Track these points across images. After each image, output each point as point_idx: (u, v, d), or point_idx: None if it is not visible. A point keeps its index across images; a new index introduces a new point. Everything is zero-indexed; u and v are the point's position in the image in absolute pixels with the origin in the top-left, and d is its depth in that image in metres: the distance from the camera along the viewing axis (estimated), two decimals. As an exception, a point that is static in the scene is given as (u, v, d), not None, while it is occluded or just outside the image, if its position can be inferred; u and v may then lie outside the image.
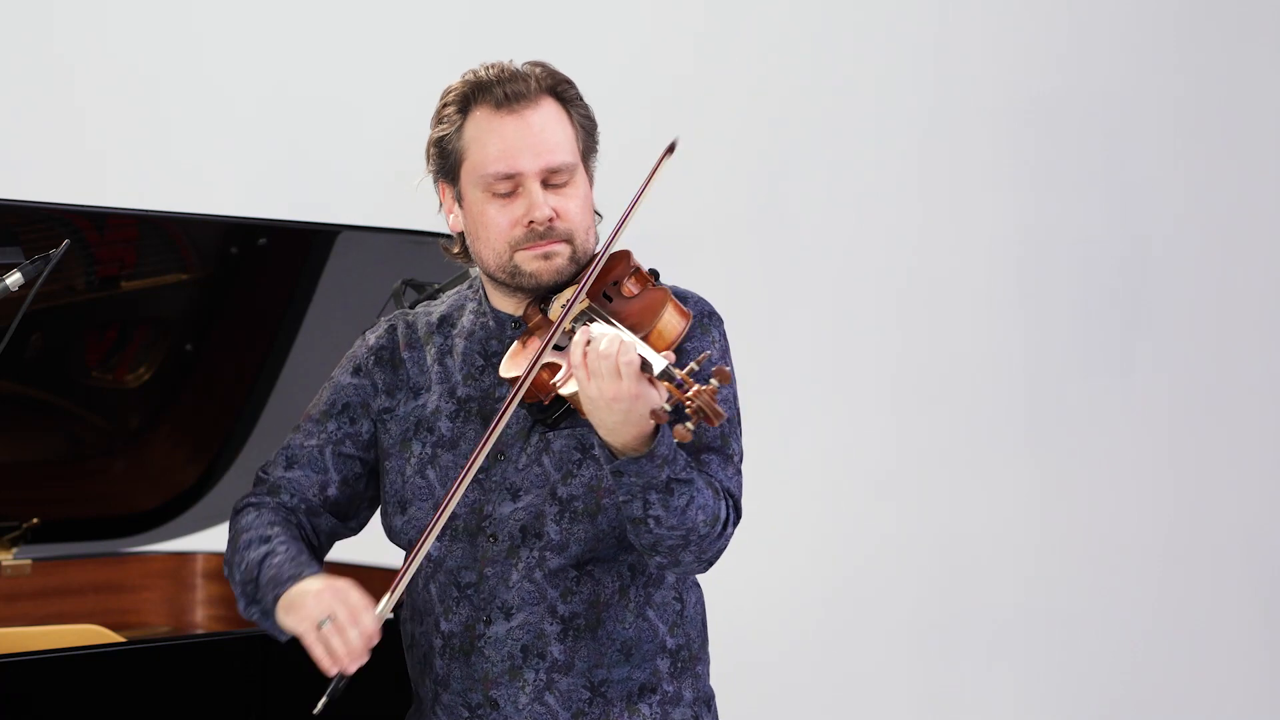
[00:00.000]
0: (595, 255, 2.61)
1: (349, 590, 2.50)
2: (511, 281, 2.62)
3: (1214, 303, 5.79)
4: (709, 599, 2.83)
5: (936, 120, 5.70)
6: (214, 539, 4.27)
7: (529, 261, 2.59)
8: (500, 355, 2.64)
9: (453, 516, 2.62)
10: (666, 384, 2.34)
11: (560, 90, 2.62)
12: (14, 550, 3.86)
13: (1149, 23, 5.76)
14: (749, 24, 5.63)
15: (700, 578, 2.70)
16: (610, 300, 2.55)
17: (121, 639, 3.39)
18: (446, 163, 2.65)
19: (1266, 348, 5.80)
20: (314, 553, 2.68)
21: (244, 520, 2.68)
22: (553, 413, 2.53)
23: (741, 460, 2.58)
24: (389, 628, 2.57)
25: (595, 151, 2.67)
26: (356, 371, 2.74)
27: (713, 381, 2.32)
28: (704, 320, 2.62)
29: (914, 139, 5.69)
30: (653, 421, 2.36)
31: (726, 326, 2.66)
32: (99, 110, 5.25)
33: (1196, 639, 5.76)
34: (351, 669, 2.46)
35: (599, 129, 2.68)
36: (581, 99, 2.65)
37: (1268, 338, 5.80)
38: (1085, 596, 5.71)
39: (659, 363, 2.36)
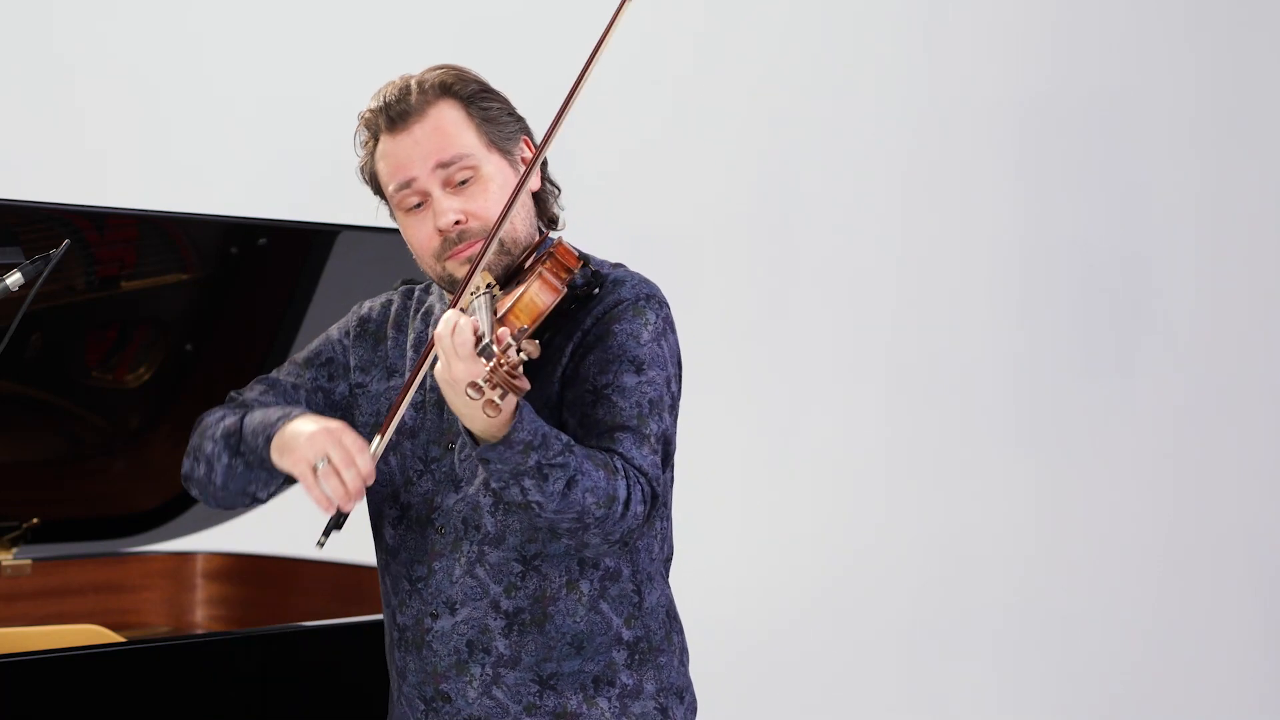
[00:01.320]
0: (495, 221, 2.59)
1: (344, 431, 2.49)
2: (448, 287, 2.64)
3: (1214, 303, 5.79)
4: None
5: (936, 120, 5.70)
6: (214, 539, 4.27)
7: (456, 267, 2.61)
8: None
9: (405, 507, 2.64)
10: (484, 359, 2.32)
11: (455, 90, 2.63)
12: (14, 550, 3.86)
13: (1149, 22, 5.76)
14: (749, 23, 5.63)
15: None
16: (510, 280, 2.56)
17: (121, 639, 3.39)
18: (374, 187, 2.70)
19: (1267, 348, 5.80)
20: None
21: (210, 416, 2.70)
22: None
23: (662, 441, 2.55)
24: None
25: (516, 137, 2.67)
26: (346, 334, 2.76)
27: (520, 355, 2.30)
28: (638, 303, 2.60)
29: (914, 139, 5.69)
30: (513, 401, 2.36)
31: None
32: (99, 110, 5.25)
33: (1196, 639, 5.76)
34: (348, 509, 2.47)
35: (510, 112, 2.68)
36: (483, 92, 2.65)
37: (1268, 338, 5.80)
38: (1084, 596, 5.71)
39: (484, 338, 2.33)
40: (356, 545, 4.63)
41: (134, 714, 3.17)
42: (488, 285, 2.50)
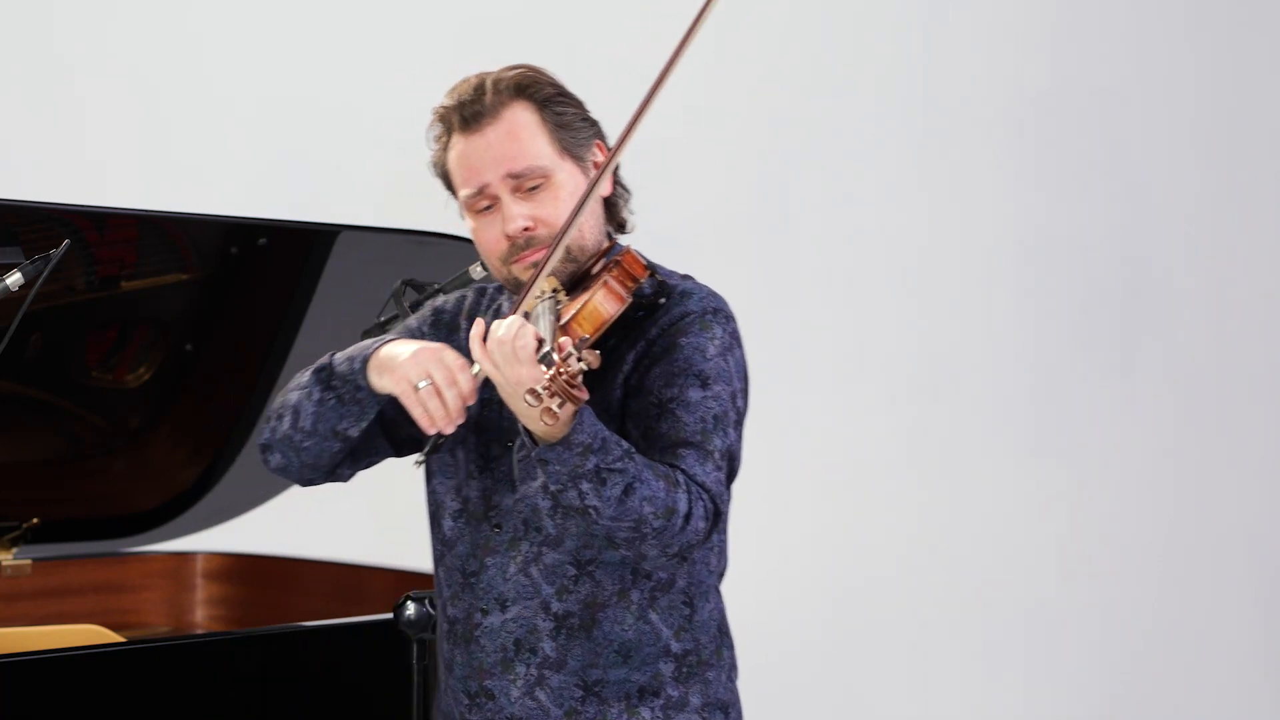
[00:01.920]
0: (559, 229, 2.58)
1: (444, 351, 2.49)
2: (515, 290, 2.63)
3: (1216, 304, 5.79)
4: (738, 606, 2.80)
5: (937, 120, 5.70)
6: (214, 539, 4.27)
7: (522, 272, 2.59)
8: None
9: (465, 501, 2.64)
10: (544, 366, 2.32)
11: (529, 92, 2.62)
12: (14, 550, 3.86)
13: (1150, 22, 5.76)
14: (749, 23, 5.63)
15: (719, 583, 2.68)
16: (576, 286, 2.56)
17: (121, 639, 3.39)
18: (447, 184, 2.67)
19: (1267, 348, 5.80)
20: None
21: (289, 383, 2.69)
22: None
23: (727, 458, 2.54)
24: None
25: (589, 142, 2.67)
26: (423, 324, 2.75)
27: (580, 364, 2.30)
28: (705, 317, 2.60)
29: (915, 139, 5.69)
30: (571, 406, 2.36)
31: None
32: (99, 110, 5.25)
33: (1196, 639, 5.76)
34: (449, 429, 2.46)
35: (585, 116, 2.67)
36: (558, 96, 2.65)
37: (1269, 338, 5.80)
38: (1084, 596, 5.71)
39: (544, 346, 2.34)
40: (357, 545, 4.64)
41: (134, 714, 3.17)
42: (553, 291, 2.50)
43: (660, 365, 2.54)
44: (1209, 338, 5.77)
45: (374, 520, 5.26)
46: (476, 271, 2.79)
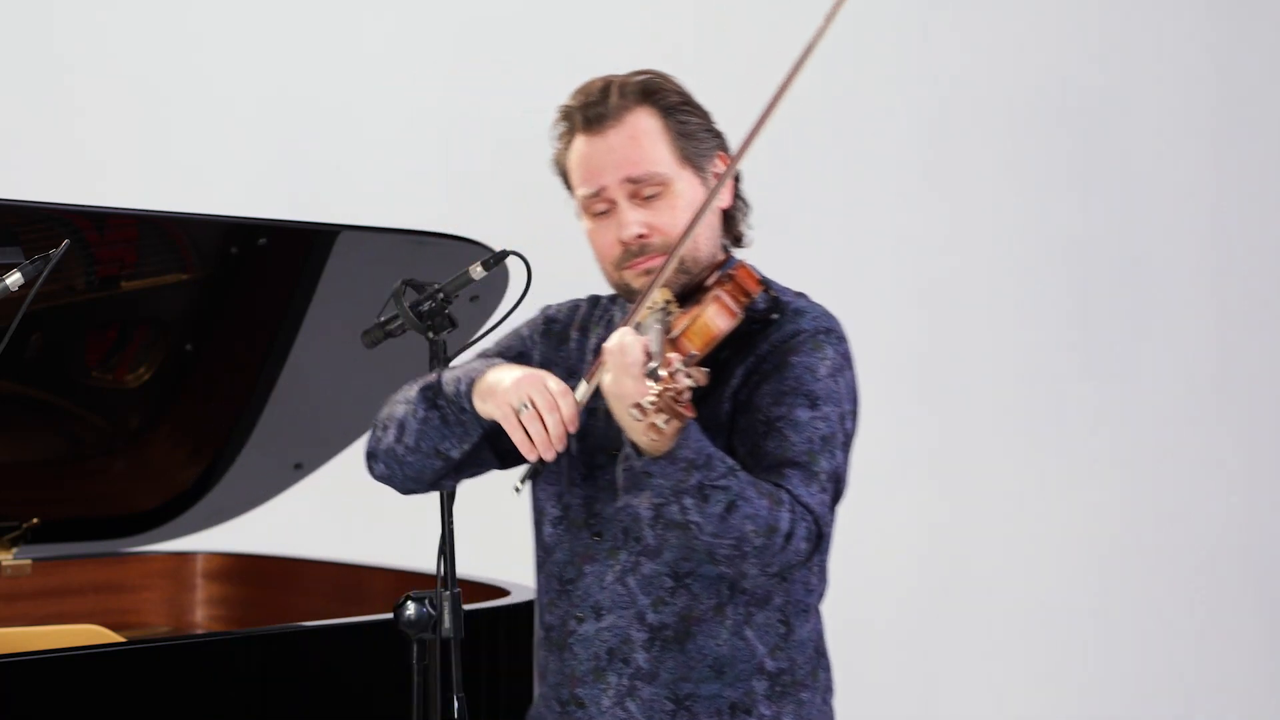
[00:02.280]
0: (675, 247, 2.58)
1: (547, 377, 2.50)
2: (626, 296, 2.63)
3: (1215, 304, 5.79)
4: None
5: (936, 120, 5.70)
6: (214, 539, 4.27)
7: (634, 279, 2.59)
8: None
9: (567, 508, 2.64)
10: (650, 380, 2.32)
11: (655, 98, 2.62)
12: (14, 550, 3.86)
13: (1150, 21, 5.76)
14: (749, 23, 5.63)
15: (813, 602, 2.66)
16: (689, 298, 2.55)
17: (121, 639, 3.39)
18: (565, 181, 2.68)
19: (1267, 348, 5.80)
20: None
21: (398, 393, 2.68)
22: None
23: (833, 480, 2.53)
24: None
25: (711, 153, 2.65)
26: (534, 332, 2.75)
27: (687, 381, 2.30)
28: (817, 336, 2.59)
29: (914, 139, 5.69)
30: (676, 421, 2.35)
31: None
32: (99, 110, 5.25)
33: (1196, 638, 5.76)
34: (549, 456, 2.47)
35: (709, 127, 2.67)
36: (683, 105, 2.64)
37: (1268, 338, 5.80)
38: (1083, 596, 5.71)
39: (652, 361, 2.34)
40: (357, 545, 4.64)
41: (134, 714, 3.17)
42: (665, 303, 2.49)
43: (769, 383, 2.53)
44: (1208, 338, 5.77)
45: (374, 520, 5.25)
46: (477, 271, 2.78)
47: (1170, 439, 5.77)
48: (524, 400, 2.47)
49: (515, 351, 2.73)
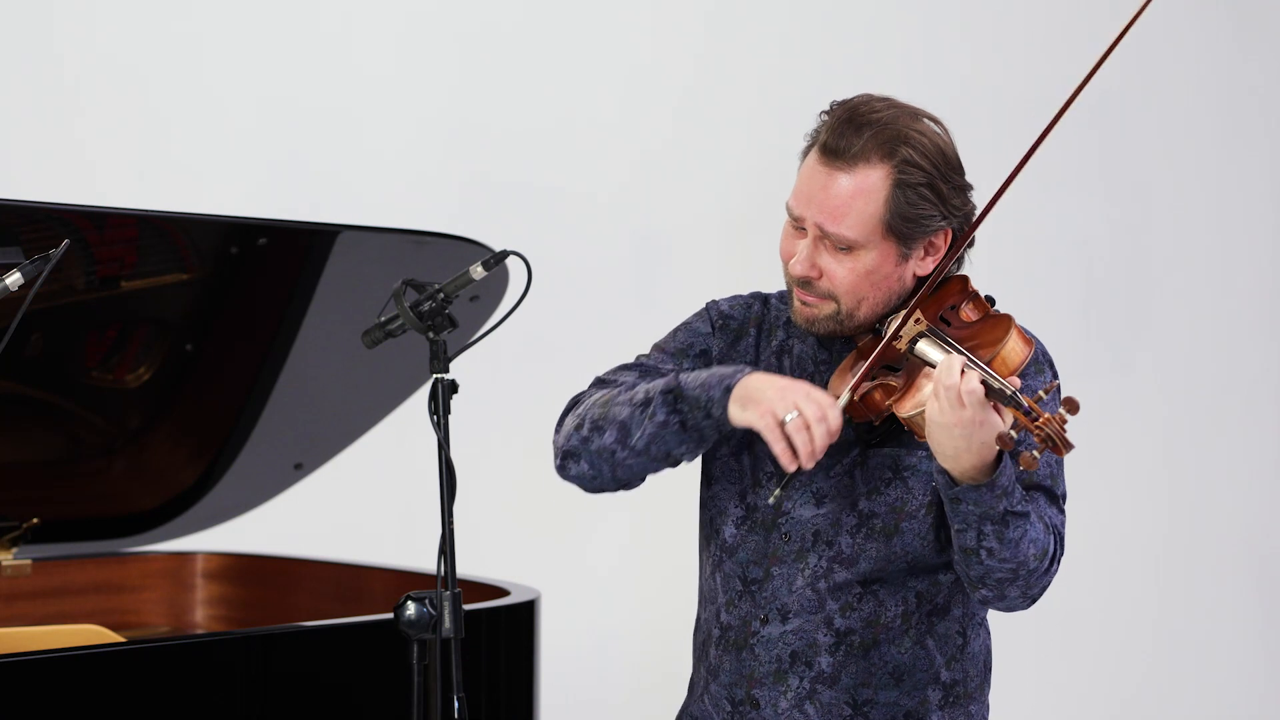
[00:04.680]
0: (931, 274, 2.57)
1: (811, 388, 2.46)
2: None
3: (1213, 303, 5.79)
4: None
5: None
6: (214, 539, 4.27)
7: (795, 300, 2.60)
8: (829, 365, 2.63)
9: (751, 509, 2.62)
10: (1014, 410, 2.33)
11: (901, 163, 2.56)
12: (14, 550, 3.86)
13: (1150, 22, 5.76)
14: (754, 26, 5.63)
15: None
16: (949, 324, 2.53)
17: (121, 639, 3.39)
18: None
19: (1266, 348, 5.80)
20: None
21: (588, 397, 2.64)
22: (880, 432, 2.54)
23: (1065, 500, 2.57)
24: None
25: (927, 235, 2.59)
26: (710, 328, 2.71)
27: (1061, 410, 2.31)
28: (1039, 361, 2.61)
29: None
30: (996, 448, 2.35)
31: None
32: (99, 110, 5.25)
33: (1194, 638, 5.76)
34: (810, 465, 2.44)
35: (944, 213, 2.61)
36: (925, 185, 2.58)
37: (1267, 338, 5.80)
38: (1082, 595, 5.71)
39: (1007, 389, 2.34)
40: (357, 545, 4.64)
41: (134, 714, 3.17)
42: (928, 329, 2.50)
43: None
44: (1207, 337, 5.77)
45: (374, 520, 5.26)
46: (477, 271, 2.78)
47: (1170, 439, 5.76)
48: (790, 408, 2.43)
49: (698, 349, 2.69)
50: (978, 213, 2.63)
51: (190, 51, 5.30)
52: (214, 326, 3.85)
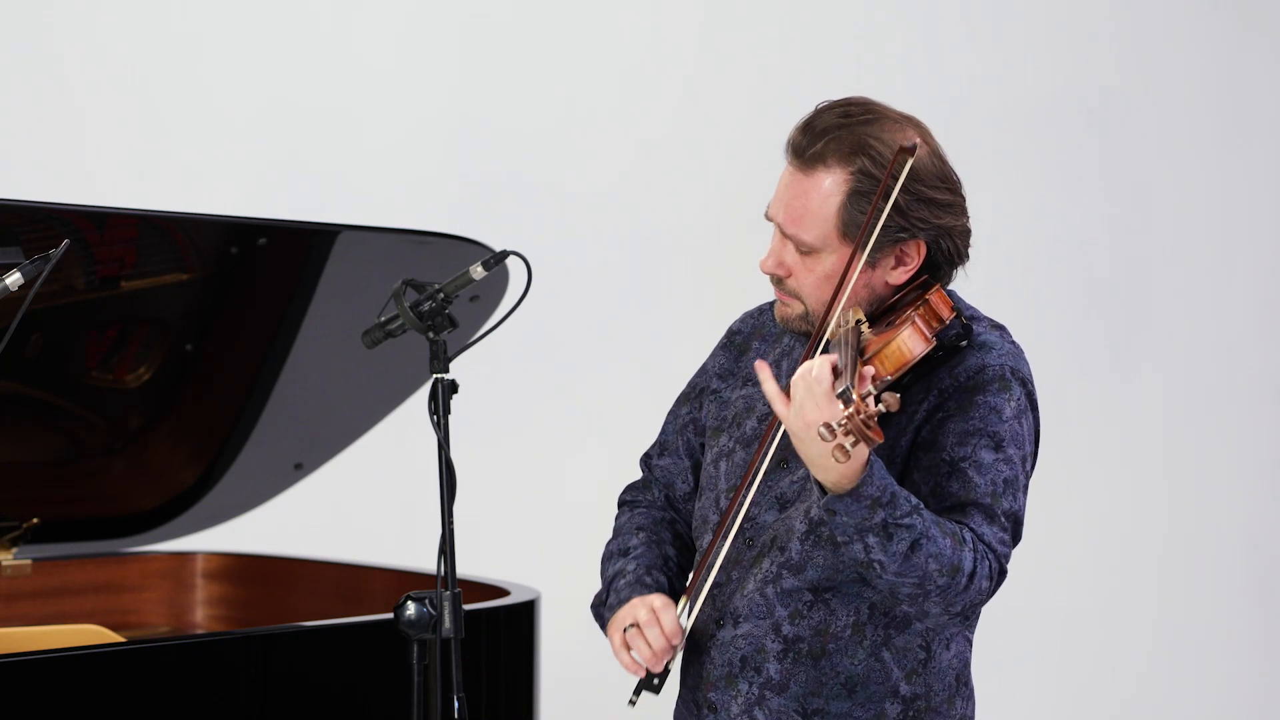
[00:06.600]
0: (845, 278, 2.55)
1: (654, 597, 2.58)
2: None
3: (1212, 303, 5.79)
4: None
5: (936, 120, 5.68)
6: (214, 539, 4.27)
7: (778, 302, 2.63)
8: None
9: (722, 515, 2.64)
10: (841, 404, 2.29)
11: (861, 167, 2.54)
12: (14, 550, 3.86)
13: (1149, 21, 5.76)
14: (752, 24, 5.63)
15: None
16: (879, 319, 2.53)
17: (121, 639, 3.39)
18: None
19: (1266, 348, 5.80)
20: (667, 563, 2.71)
21: (619, 520, 2.77)
22: None
23: (1014, 522, 2.52)
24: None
25: (894, 244, 2.54)
26: (716, 355, 2.76)
27: (879, 406, 2.28)
28: (1005, 378, 2.54)
29: (915, 139, 5.69)
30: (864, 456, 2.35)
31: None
32: (98, 110, 5.25)
33: (1194, 638, 5.76)
34: (657, 667, 2.53)
35: (904, 225, 2.54)
36: (876, 188, 2.52)
37: (1267, 338, 5.80)
38: (1081, 595, 5.71)
39: (841, 381, 2.31)
40: (357, 545, 4.64)
41: (134, 714, 3.17)
42: (856, 322, 2.48)
43: (955, 422, 2.51)
44: (1205, 338, 5.77)
45: (374, 520, 5.26)
46: (477, 271, 2.78)
47: (1170, 439, 5.76)
48: (630, 619, 2.56)
49: (698, 389, 2.76)
50: (960, 228, 2.59)
51: (190, 51, 5.30)
52: (214, 326, 3.85)
